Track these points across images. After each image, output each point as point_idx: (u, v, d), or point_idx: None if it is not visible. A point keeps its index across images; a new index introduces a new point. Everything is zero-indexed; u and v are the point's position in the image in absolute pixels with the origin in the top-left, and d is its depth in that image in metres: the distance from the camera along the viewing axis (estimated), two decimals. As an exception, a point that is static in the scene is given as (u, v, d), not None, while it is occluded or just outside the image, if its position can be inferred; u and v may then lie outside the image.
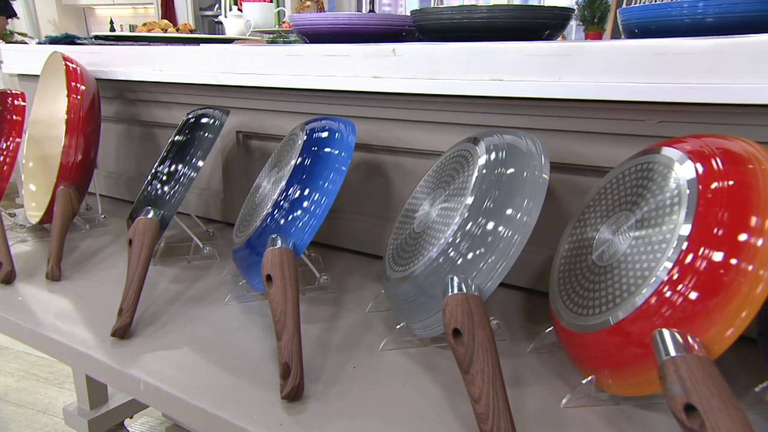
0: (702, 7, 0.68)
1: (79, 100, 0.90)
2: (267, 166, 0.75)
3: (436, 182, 0.61)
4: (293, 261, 0.59)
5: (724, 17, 0.67)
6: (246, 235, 0.66)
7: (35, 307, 0.67)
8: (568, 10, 0.81)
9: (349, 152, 0.64)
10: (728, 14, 0.67)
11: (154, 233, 0.69)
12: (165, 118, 1.02)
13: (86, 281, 0.75)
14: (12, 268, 0.73)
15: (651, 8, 0.72)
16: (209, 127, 0.77)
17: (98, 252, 0.86)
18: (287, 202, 0.63)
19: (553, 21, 0.79)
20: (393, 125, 0.76)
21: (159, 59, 0.91)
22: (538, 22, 0.79)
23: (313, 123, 0.71)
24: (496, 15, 0.77)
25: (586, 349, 0.47)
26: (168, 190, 0.73)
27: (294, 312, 0.54)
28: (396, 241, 0.62)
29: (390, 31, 0.93)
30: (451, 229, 0.52)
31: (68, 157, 0.88)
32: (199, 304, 0.68)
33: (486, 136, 0.59)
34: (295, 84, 0.76)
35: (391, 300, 0.60)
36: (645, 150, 0.52)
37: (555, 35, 0.82)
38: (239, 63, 0.81)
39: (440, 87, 0.64)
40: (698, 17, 0.68)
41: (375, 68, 0.69)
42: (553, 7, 0.80)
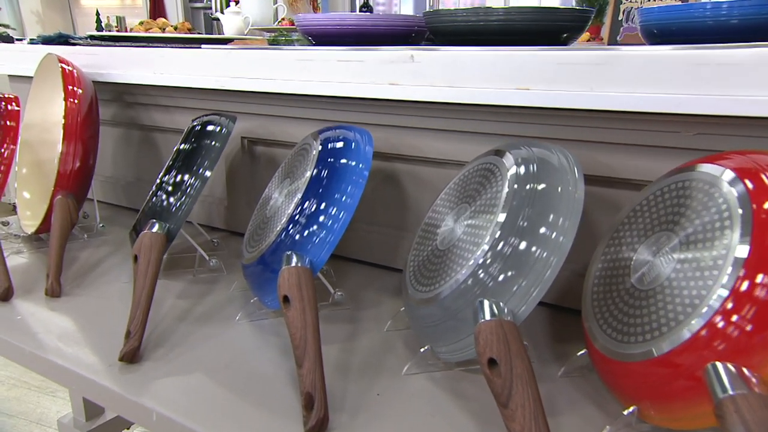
0: (726, 9, 0.65)
1: (76, 104, 0.86)
2: (277, 177, 0.72)
3: (459, 196, 0.59)
4: (311, 280, 0.56)
5: (749, 19, 0.65)
6: (258, 251, 0.63)
7: (36, 327, 0.64)
8: (587, 12, 0.78)
9: (368, 164, 0.61)
10: (754, 16, 0.65)
11: (161, 248, 0.66)
12: (165, 122, 0.99)
13: (88, 297, 0.72)
14: (9, 285, 0.70)
15: (673, 9, 0.70)
16: (216, 136, 0.74)
17: (99, 264, 0.83)
18: (303, 216, 0.60)
19: (572, 23, 0.76)
20: (408, 133, 0.73)
21: (160, 62, 0.87)
22: (556, 25, 0.76)
23: (327, 132, 0.68)
24: (513, 18, 0.74)
25: (626, 378, 0.45)
26: (174, 202, 0.70)
27: (315, 337, 0.51)
28: (417, 258, 0.59)
29: (399, 32, 0.90)
30: (481, 249, 0.49)
31: (66, 164, 0.84)
32: (208, 322, 0.65)
33: (512, 149, 0.57)
34: (306, 90, 0.73)
35: (414, 321, 0.57)
36: (682, 167, 0.50)
37: (574, 38, 0.79)
38: (245, 67, 0.78)
39: (462, 95, 0.62)
40: (722, 19, 0.66)
41: (391, 75, 0.66)
42: (572, 9, 0.78)
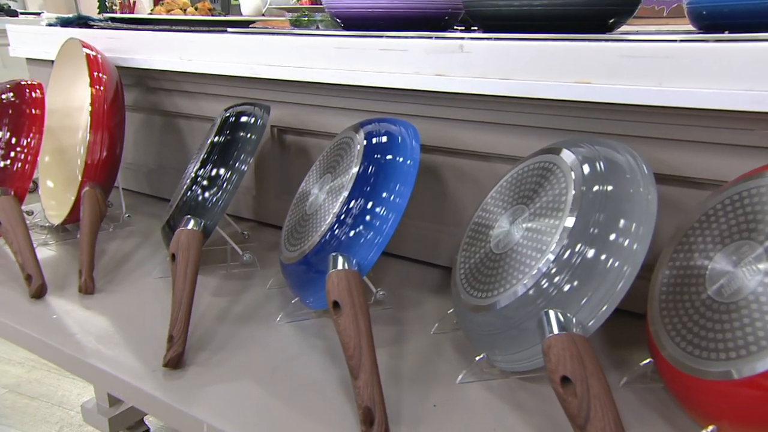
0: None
1: (102, 91, 0.83)
2: (315, 171, 0.69)
3: (513, 196, 0.56)
4: (361, 285, 0.54)
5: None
6: (300, 251, 0.61)
7: (72, 327, 0.62)
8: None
9: (416, 161, 0.58)
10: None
11: (199, 246, 0.64)
12: (191, 108, 0.96)
13: (121, 294, 0.70)
14: (43, 282, 0.68)
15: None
16: (251, 127, 0.71)
17: (129, 257, 0.81)
18: (350, 216, 0.57)
19: (622, 7, 0.73)
20: (450, 125, 0.70)
21: (188, 48, 0.84)
22: (604, 9, 0.72)
23: (369, 125, 0.65)
24: (558, 2, 0.70)
25: (703, 396, 0.43)
26: (210, 197, 0.68)
27: (369, 346, 0.49)
28: (468, 260, 0.57)
29: (434, 15, 0.86)
30: (546, 257, 0.47)
31: (93, 154, 0.82)
32: (248, 323, 0.63)
33: (570, 146, 0.54)
34: (345, 80, 0.70)
35: (467, 326, 0.55)
36: (761, 170, 0.47)
37: (622, 22, 0.76)
38: (280, 55, 0.75)
39: (516, 89, 0.58)
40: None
41: (439, 65, 0.63)
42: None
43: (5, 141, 0.79)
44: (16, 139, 0.79)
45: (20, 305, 0.67)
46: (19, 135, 0.80)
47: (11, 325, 0.63)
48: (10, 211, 0.74)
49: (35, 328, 0.61)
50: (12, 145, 0.79)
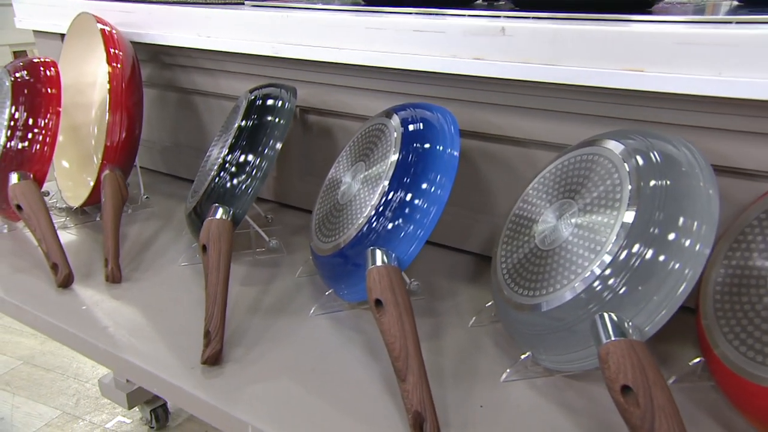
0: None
1: (120, 69, 0.80)
2: (346, 158, 0.67)
3: (559, 189, 0.54)
4: (402, 281, 0.52)
5: None
6: (335, 243, 0.59)
7: (104, 319, 0.61)
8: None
9: (458, 150, 0.56)
10: None
11: (230, 236, 0.62)
12: (208, 86, 0.93)
13: (148, 283, 0.69)
14: (69, 271, 0.66)
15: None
16: (279, 111, 0.68)
17: (151, 242, 0.79)
18: (389, 209, 0.55)
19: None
20: (485, 109, 0.67)
21: (206, 24, 0.81)
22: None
23: (404, 112, 0.63)
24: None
25: (763, 403, 0.42)
26: (239, 184, 0.66)
27: (415, 346, 0.48)
28: (512, 255, 0.55)
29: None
30: (601, 258, 0.45)
31: (113, 136, 0.79)
32: (281, 315, 0.62)
33: (621, 137, 0.52)
34: (375, 62, 0.67)
35: (510, 323, 0.54)
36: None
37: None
38: (306, 34, 0.72)
39: (561, 75, 0.56)
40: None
41: (477, 49, 0.60)
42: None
43: (23, 122, 0.76)
44: (33, 120, 0.77)
45: (48, 295, 0.65)
46: (36, 116, 0.77)
47: (41, 316, 0.62)
48: (31, 196, 0.72)
49: (66, 320, 0.60)
50: (29, 126, 0.76)
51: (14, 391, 1.56)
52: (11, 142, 0.76)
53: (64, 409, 1.50)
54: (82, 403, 1.52)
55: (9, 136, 0.76)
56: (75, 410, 1.50)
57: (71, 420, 1.47)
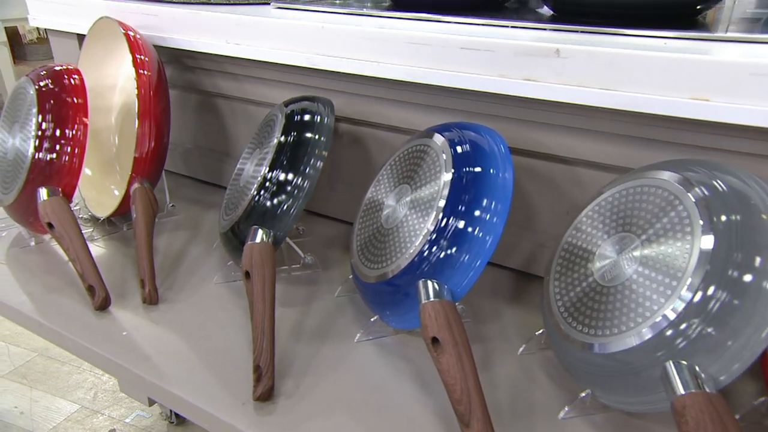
0: None
1: (147, 76, 0.78)
2: (388, 179, 0.65)
3: (615, 220, 0.53)
4: (459, 317, 0.51)
5: None
6: (381, 271, 0.58)
7: (145, 347, 0.60)
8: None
9: (511, 172, 0.55)
10: None
11: (273, 262, 0.61)
12: (231, 90, 0.91)
13: (186, 304, 0.68)
14: (106, 294, 0.65)
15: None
16: (318, 127, 0.66)
17: (182, 257, 0.78)
18: (444, 238, 0.54)
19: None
20: (531, 128, 0.65)
21: (236, 31, 0.78)
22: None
23: (449, 132, 0.61)
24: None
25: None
26: (279, 204, 0.64)
27: (478, 389, 0.47)
28: (570, 288, 0.54)
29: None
30: (672, 303, 0.44)
31: (142, 147, 0.77)
32: (326, 341, 0.61)
33: (680, 168, 0.50)
34: (417, 78, 0.65)
35: (567, 359, 0.53)
36: None
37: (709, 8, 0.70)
38: (342, 46, 0.69)
39: (619, 101, 0.54)
40: None
41: (528, 70, 0.58)
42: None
43: (50, 133, 0.74)
44: (61, 131, 0.74)
45: (86, 318, 0.64)
46: (64, 126, 0.75)
47: (82, 343, 0.61)
48: (62, 214, 0.70)
49: (108, 348, 0.59)
50: (57, 137, 0.74)
51: (31, 385, 1.57)
52: (39, 153, 0.73)
53: (83, 403, 1.51)
54: (100, 397, 1.53)
55: (37, 147, 0.73)
56: (93, 404, 1.51)
57: (90, 414, 1.47)
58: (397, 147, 0.78)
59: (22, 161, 0.74)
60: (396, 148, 0.78)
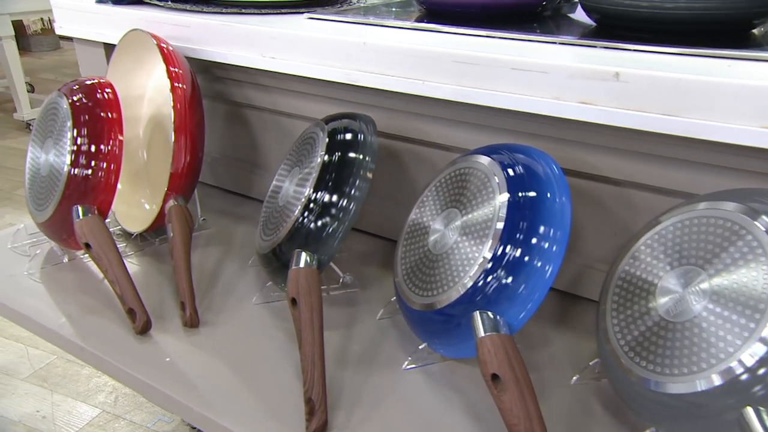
0: None
1: (183, 89, 0.77)
2: (432, 202, 0.63)
3: (680, 252, 0.51)
4: (519, 353, 0.50)
5: None
6: (432, 300, 0.57)
7: (190, 374, 0.59)
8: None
9: (569, 198, 0.53)
10: None
11: (320, 288, 0.60)
12: (262, 101, 0.89)
13: (226, 327, 0.67)
14: (147, 318, 0.64)
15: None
16: (363, 147, 0.65)
17: (217, 275, 0.77)
18: (501, 268, 0.52)
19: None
20: (577, 147, 0.64)
21: (271, 45, 0.76)
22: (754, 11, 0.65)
23: (498, 155, 0.59)
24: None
25: None
26: (324, 227, 0.63)
27: (542, 429, 0.46)
28: (631, 322, 0.52)
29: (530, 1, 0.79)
30: (750, 347, 0.43)
31: (178, 162, 0.76)
32: (372, 368, 0.60)
33: (750, 200, 0.48)
34: (464, 98, 0.63)
35: (630, 395, 0.51)
36: None
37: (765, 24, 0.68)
38: (384, 63, 0.67)
39: (682, 128, 0.52)
40: None
41: (584, 93, 0.56)
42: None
43: (86, 149, 0.72)
44: (96, 146, 0.73)
45: (127, 343, 0.63)
46: (99, 142, 0.73)
47: (125, 370, 0.60)
48: (100, 234, 0.69)
49: (152, 375, 0.58)
50: (92, 153, 0.73)
51: (52, 388, 1.57)
52: (75, 169, 0.72)
53: (104, 408, 1.51)
54: (120, 402, 1.53)
55: (73, 162, 0.72)
56: (114, 408, 1.51)
57: (112, 419, 1.47)
58: (436, 163, 0.76)
59: (58, 177, 0.73)
60: (435, 164, 0.77)
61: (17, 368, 1.63)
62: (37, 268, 0.77)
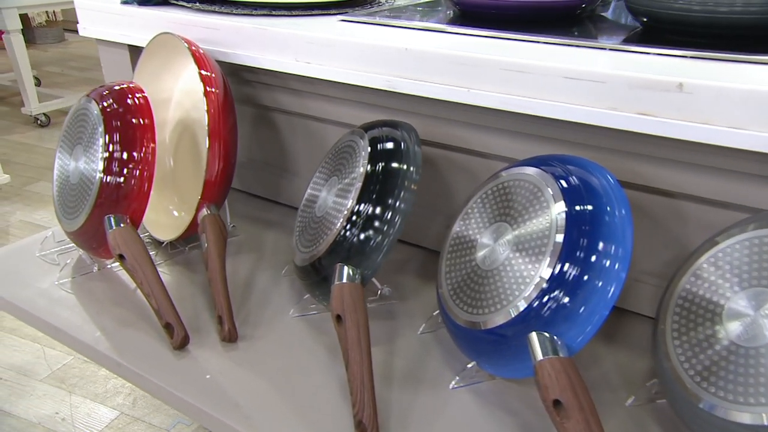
0: None
1: (216, 93, 0.75)
2: (479, 214, 0.61)
3: (748, 272, 0.49)
4: (581, 378, 0.48)
5: None
6: (483, 318, 0.55)
7: (233, 393, 0.57)
8: None
9: (629, 212, 0.51)
10: None
11: (365, 305, 0.58)
12: (292, 105, 0.87)
13: (264, 341, 0.65)
14: (185, 333, 0.62)
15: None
16: (407, 157, 0.63)
17: (251, 285, 0.75)
18: (560, 289, 0.50)
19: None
20: (628, 158, 0.62)
21: (307, 50, 0.74)
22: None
23: (551, 167, 0.57)
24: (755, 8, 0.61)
25: None
26: (368, 240, 0.61)
27: (610, 460, 0.44)
28: (693, 344, 0.50)
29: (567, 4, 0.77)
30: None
31: (212, 169, 0.74)
32: (419, 387, 0.58)
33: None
34: (513, 107, 0.61)
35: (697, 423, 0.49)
36: None
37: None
38: (426, 69, 0.65)
39: (751, 142, 0.50)
40: None
41: (644, 104, 0.54)
42: None
43: (118, 156, 0.71)
44: (128, 153, 0.71)
45: (165, 358, 0.62)
46: (131, 149, 0.71)
47: (165, 387, 0.58)
48: (134, 245, 0.67)
49: (194, 394, 0.57)
50: (124, 160, 0.71)
51: (70, 389, 1.56)
52: (108, 177, 0.70)
53: (123, 410, 1.50)
54: (139, 404, 1.52)
55: (106, 169, 0.70)
56: (133, 411, 1.50)
57: (131, 422, 1.46)
58: (474, 170, 0.74)
59: (89, 185, 0.72)
60: (473, 172, 0.74)
61: (34, 369, 1.62)
62: (68, 279, 0.75)
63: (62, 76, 3.89)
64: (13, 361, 1.64)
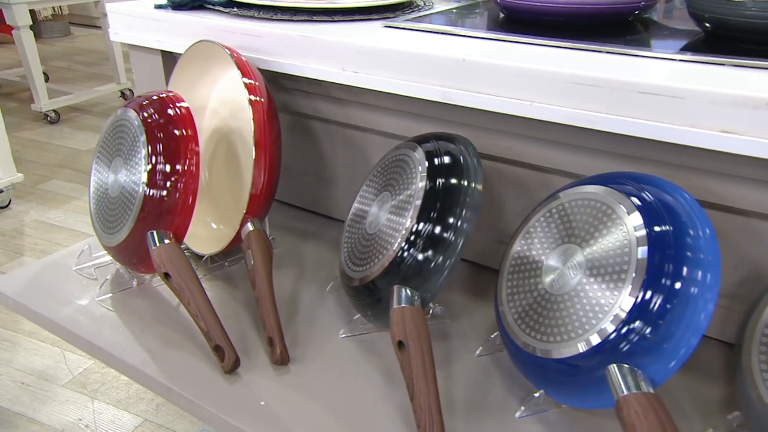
0: None
1: (261, 102, 0.72)
2: (543, 234, 0.58)
3: None
4: (670, 415, 0.45)
5: None
6: (557, 347, 0.52)
7: (289, 421, 0.55)
8: None
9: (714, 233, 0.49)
10: None
11: (427, 328, 0.55)
12: (332, 114, 0.84)
13: (316, 364, 0.62)
14: (237, 357, 0.60)
15: None
16: (467, 174, 0.60)
17: (297, 303, 0.73)
18: (644, 320, 0.48)
19: None
20: (699, 175, 0.59)
21: (354, 59, 0.71)
22: None
23: (626, 185, 0.54)
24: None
25: None
26: (428, 261, 0.58)
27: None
28: None
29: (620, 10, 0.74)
30: None
31: (258, 182, 0.71)
32: (484, 415, 0.56)
33: None
34: (585, 123, 0.58)
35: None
36: None
37: None
38: (485, 81, 0.62)
39: None
40: None
41: (729, 121, 0.51)
42: None
43: (161, 168, 0.68)
44: (171, 165, 0.69)
45: (216, 383, 0.59)
46: (175, 161, 0.69)
47: (219, 415, 0.56)
48: (180, 263, 0.65)
49: (251, 423, 0.54)
50: (168, 173, 0.68)
51: (92, 395, 1.54)
52: (152, 190, 0.68)
53: (146, 416, 1.48)
54: (162, 410, 1.50)
55: (149, 181, 0.68)
56: (156, 417, 1.48)
57: (155, 428, 1.45)
58: (530, 184, 0.71)
59: (131, 198, 0.69)
60: (528, 186, 0.72)
61: (56, 374, 1.61)
62: (107, 295, 0.73)
63: (69, 71, 3.86)
64: (34, 366, 1.62)
